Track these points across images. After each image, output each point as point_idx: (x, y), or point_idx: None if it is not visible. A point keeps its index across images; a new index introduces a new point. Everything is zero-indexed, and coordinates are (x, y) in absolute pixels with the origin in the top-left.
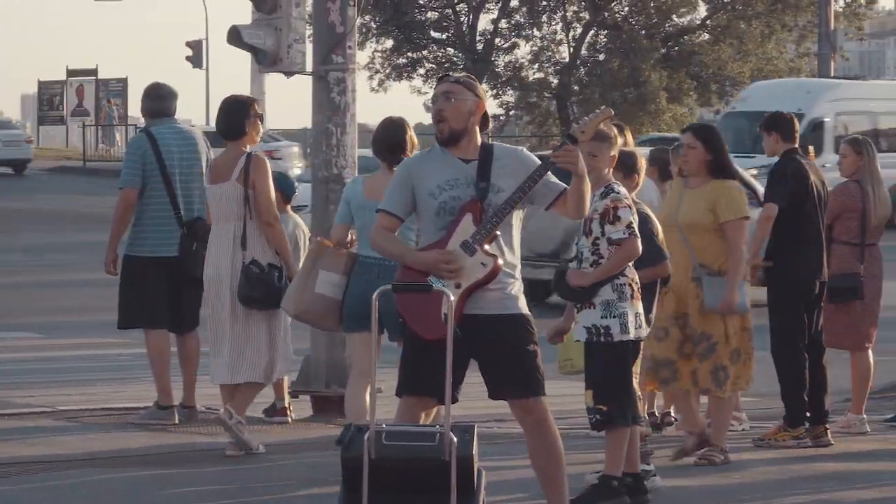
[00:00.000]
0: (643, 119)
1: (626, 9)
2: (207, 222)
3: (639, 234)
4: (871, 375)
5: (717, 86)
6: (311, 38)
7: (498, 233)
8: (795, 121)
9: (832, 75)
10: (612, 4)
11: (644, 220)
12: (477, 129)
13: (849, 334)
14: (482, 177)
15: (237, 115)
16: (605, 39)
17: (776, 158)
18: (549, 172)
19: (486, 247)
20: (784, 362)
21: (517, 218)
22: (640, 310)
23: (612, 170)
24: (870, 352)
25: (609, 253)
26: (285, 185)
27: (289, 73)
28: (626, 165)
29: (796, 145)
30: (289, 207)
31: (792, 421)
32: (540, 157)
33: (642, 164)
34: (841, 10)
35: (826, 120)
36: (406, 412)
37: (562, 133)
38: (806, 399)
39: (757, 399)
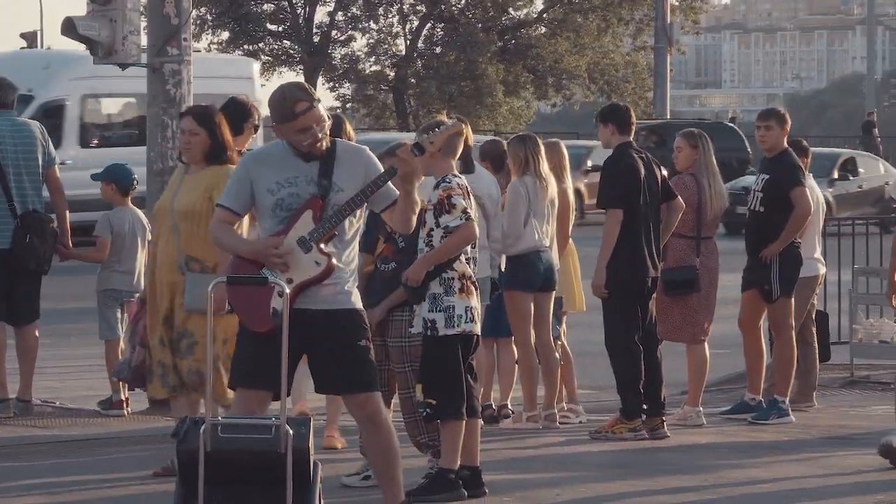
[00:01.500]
0: (480, 112)
1: (463, 2)
2: (41, 214)
3: (474, 219)
4: (707, 368)
5: (554, 79)
6: (146, 30)
7: (336, 232)
8: (631, 112)
9: (669, 69)
10: None
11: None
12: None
13: (685, 326)
14: (324, 175)
15: (237, 119)
16: (441, 32)
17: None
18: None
19: (323, 245)
20: (618, 354)
21: (357, 216)
22: (473, 303)
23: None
24: (706, 345)
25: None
26: (122, 176)
27: (124, 66)
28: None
29: (630, 138)
30: (128, 200)
31: (628, 413)
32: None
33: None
34: (677, 3)
35: (67, 104)
36: (242, 405)
37: (414, 142)
38: (642, 391)
39: (594, 391)
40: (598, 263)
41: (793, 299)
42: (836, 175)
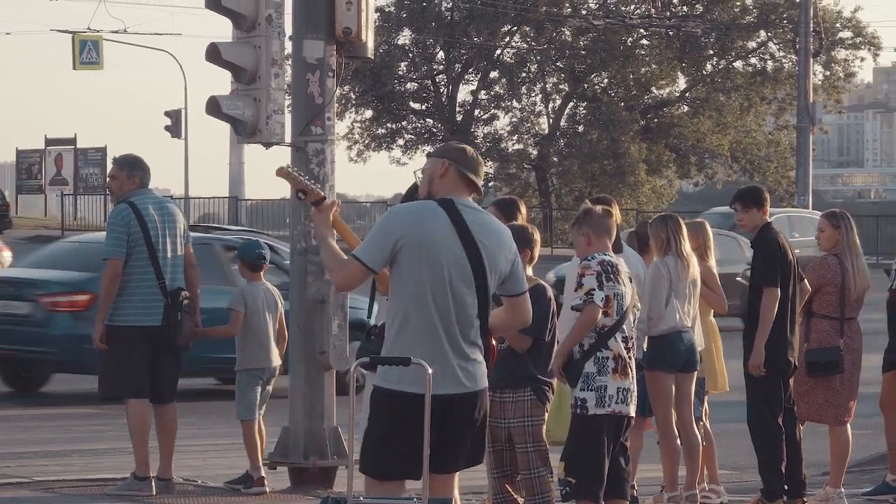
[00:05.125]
0: (622, 191)
1: (606, 81)
2: (187, 293)
3: (599, 303)
4: (849, 449)
5: (696, 158)
6: (291, 109)
7: None
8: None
9: (812, 148)
10: (592, 76)
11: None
12: None
13: (828, 407)
14: None
15: None
16: (584, 111)
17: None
18: None
19: None
20: (760, 435)
21: None
22: (627, 385)
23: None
24: (848, 426)
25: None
26: (247, 253)
27: (268, 145)
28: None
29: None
30: (260, 275)
31: (769, 494)
32: None
33: (537, 237)
34: (820, 83)
35: None
36: (379, 487)
37: None
38: (783, 472)
39: (735, 472)
40: (757, 342)
41: None
42: None
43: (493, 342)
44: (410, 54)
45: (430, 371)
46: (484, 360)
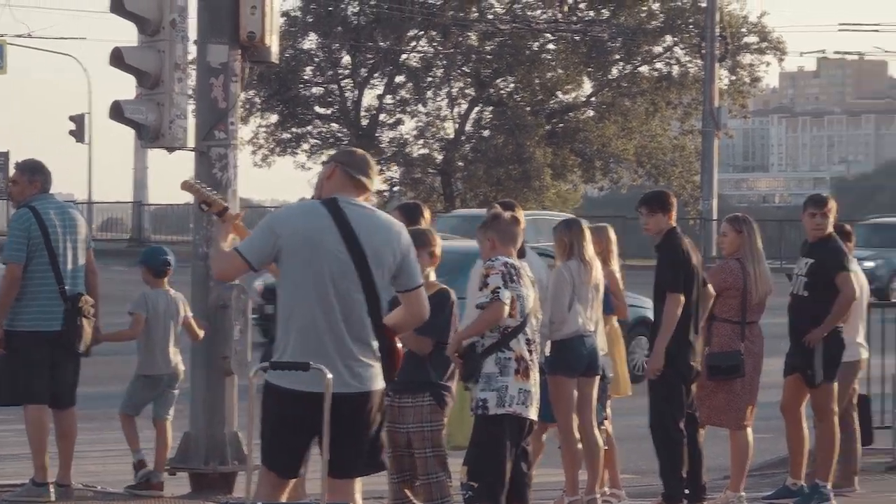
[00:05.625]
0: (527, 195)
1: (512, 85)
2: (87, 297)
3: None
4: (750, 453)
5: (602, 162)
6: (194, 114)
7: None
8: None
9: (717, 152)
10: (498, 81)
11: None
12: None
13: (729, 411)
14: None
15: None
16: (490, 116)
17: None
18: None
19: None
20: (662, 439)
21: None
22: (528, 387)
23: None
24: (749, 429)
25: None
26: (151, 259)
27: (171, 149)
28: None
29: (674, 223)
30: (163, 282)
31: (669, 498)
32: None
33: (436, 241)
34: (725, 87)
35: None
36: (269, 489)
37: None
38: (684, 476)
39: (636, 476)
40: (657, 346)
41: (835, 384)
42: None
43: (399, 343)
44: (316, 59)
45: (329, 375)
46: (380, 361)
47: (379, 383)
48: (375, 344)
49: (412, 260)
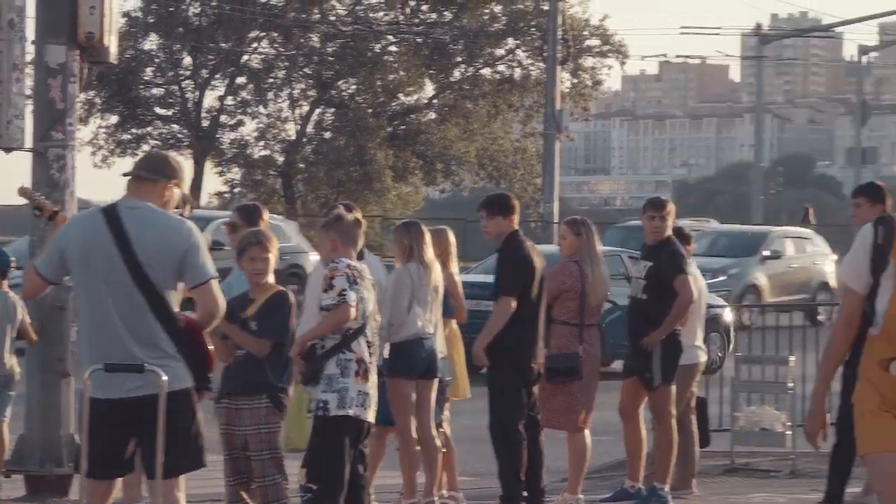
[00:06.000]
0: (369, 197)
1: (354, 87)
2: None
3: (352, 302)
4: (587, 455)
5: (443, 165)
6: (33, 114)
7: None
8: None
9: (558, 155)
10: (340, 83)
11: None
12: None
13: (567, 413)
14: None
15: None
16: (331, 117)
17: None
18: None
19: None
20: (501, 441)
21: None
22: (367, 389)
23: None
24: (586, 432)
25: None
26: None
27: (7, 150)
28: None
29: (517, 226)
30: (4, 283)
31: (508, 500)
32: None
33: (273, 243)
34: (567, 90)
35: None
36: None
37: None
38: (522, 478)
39: (475, 479)
40: (478, 343)
41: (673, 386)
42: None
43: (208, 341)
44: (157, 59)
45: (164, 377)
46: (174, 360)
47: (178, 383)
48: (169, 344)
49: (196, 256)
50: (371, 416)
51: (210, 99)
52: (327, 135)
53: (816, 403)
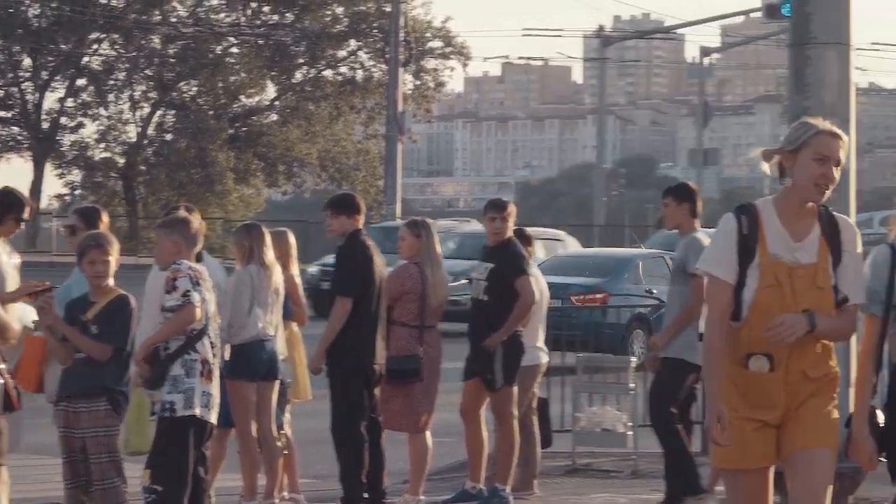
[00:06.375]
0: (210, 199)
1: (195, 89)
2: None
3: (196, 303)
4: (428, 457)
5: (285, 166)
6: None
7: None
8: (359, 199)
9: (401, 157)
10: (181, 84)
11: None
12: None
13: (407, 415)
14: None
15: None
16: (172, 119)
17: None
18: None
19: None
20: (342, 443)
21: None
22: (211, 390)
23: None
24: (428, 433)
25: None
26: None
27: None
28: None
29: (360, 225)
30: None
31: (349, 502)
32: None
33: (114, 246)
34: (409, 92)
35: None
36: None
37: None
38: (364, 480)
39: (316, 481)
40: (319, 347)
41: (515, 387)
42: None
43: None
44: None
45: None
46: None
47: None
48: None
49: None
50: (214, 418)
51: (50, 101)
52: (168, 137)
53: (715, 407)
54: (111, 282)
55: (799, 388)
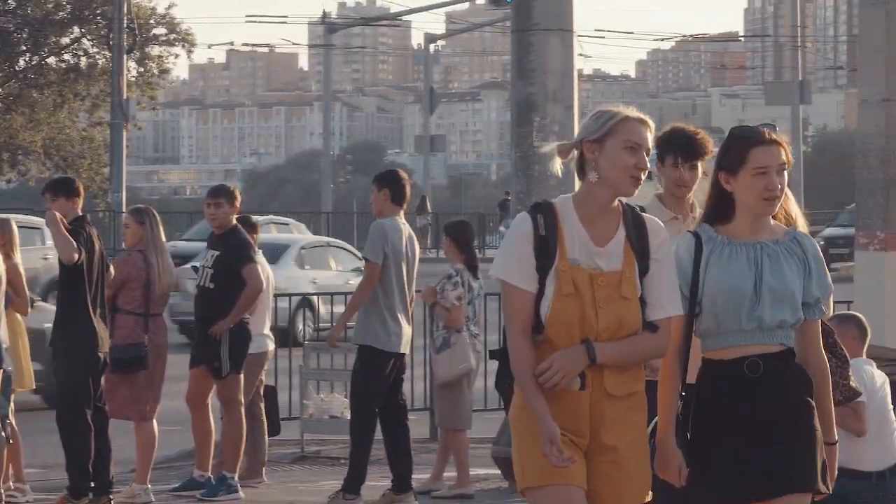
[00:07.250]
0: None
1: None
2: None
3: None
4: (155, 445)
5: (9, 155)
6: None
7: None
8: (78, 183)
9: (126, 145)
10: None
11: None
12: None
13: (133, 404)
14: None
15: None
16: None
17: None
18: None
19: None
20: (68, 432)
21: None
22: None
23: None
24: (154, 422)
25: None
26: None
27: None
28: None
29: (80, 210)
30: None
31: (75, 492)
32: None
33: None
34: (134, 79)
35: None
36: None
37: None
38: (90, 469)
39: (43, 470)
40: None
41: (242, 375)
42: None
43: None
44: None
45: None
46: None
47: None
48: None
49: None
50: None
51: None
52: None
53: (546, 428)
54: None
55: (603, 409)
